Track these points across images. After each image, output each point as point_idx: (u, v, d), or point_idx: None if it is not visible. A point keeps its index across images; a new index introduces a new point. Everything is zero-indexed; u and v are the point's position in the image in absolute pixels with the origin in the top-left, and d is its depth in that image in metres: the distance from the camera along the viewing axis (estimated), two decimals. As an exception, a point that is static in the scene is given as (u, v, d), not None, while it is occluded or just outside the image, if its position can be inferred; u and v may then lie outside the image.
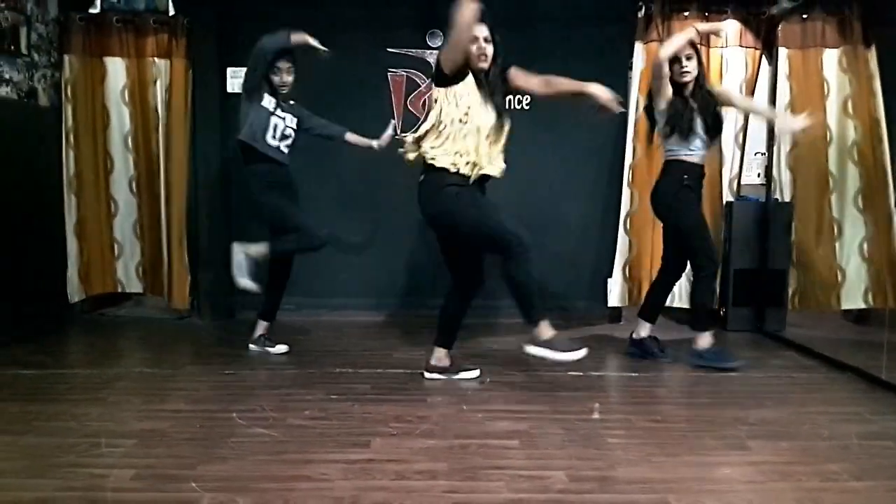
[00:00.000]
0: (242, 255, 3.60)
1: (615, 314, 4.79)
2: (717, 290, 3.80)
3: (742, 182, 4.69)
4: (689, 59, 3.51)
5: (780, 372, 3.59)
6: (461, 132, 2.99)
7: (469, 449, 2.50)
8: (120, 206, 4.79)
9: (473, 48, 3.00)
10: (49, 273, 4.60)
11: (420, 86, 4.77)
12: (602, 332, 4.44)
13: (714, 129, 3.57)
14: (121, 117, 4.72)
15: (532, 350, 3.01)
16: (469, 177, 3.03)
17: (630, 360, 3.80)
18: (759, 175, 4.70)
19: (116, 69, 4.68)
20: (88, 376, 3.40)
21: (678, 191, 3.57)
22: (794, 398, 3.18)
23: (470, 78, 3.02)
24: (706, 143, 3.58)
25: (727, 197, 4.63)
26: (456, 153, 3.00)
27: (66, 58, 4.62)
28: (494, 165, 3.11)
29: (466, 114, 2.98)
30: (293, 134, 3.78)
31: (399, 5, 4.70)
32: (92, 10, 4.76)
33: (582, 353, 2.98)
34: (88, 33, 4.63)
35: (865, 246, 4.48)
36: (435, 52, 4.75)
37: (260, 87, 3.62)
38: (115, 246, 4.83)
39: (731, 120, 4.59)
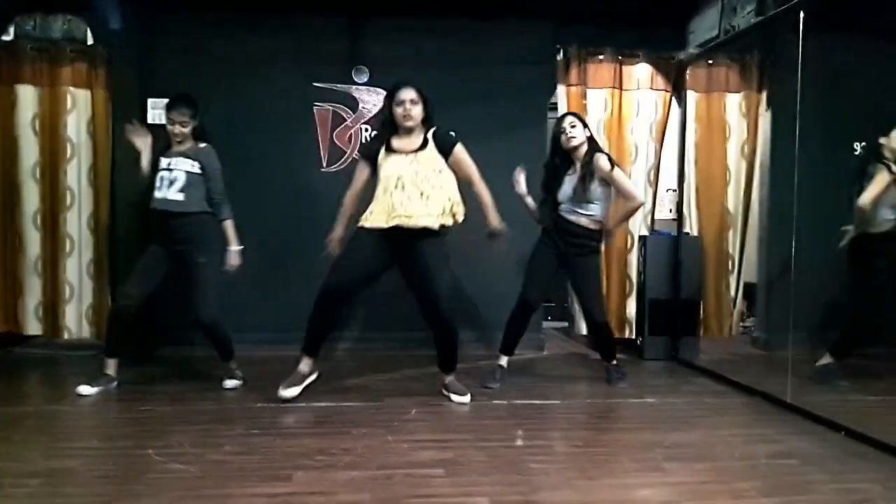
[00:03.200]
0: None
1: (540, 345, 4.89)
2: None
3: (655, 217, 4.90)
4: (572, 126, 3.76)
5: (694, 398, 3.74)
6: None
7: (394, 479, 2.49)
8: (24, 242, 4.59)
9: (399, 110, 3.36)
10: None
11: (346, 120, 4.80)
12: (526, 361, 4.51)
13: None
14: (29, 147, 4.55)
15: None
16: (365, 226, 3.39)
17: (553, 388, 3.87)
18: (671, 210, 4.94)
19: (27, 98, 4.53)
20: (-8, 415, 3.22)
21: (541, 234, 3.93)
22: (707, 422, 3.31)
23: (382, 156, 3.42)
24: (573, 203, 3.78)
25: (641, 231, 4.83)
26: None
27: (-26, 85, 4.46)
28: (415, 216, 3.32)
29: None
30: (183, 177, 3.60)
31: (325, 40, 4.74)
32: (4, 38, 4.62)
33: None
34: (0, 60, 4.48)
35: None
36: (361, 87, 4.81)
37: None
38: (17, 284, 4.61)
39: (643, 157, 4.83)
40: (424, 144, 3.42)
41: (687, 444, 2.94)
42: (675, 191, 4.87)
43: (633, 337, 4.84)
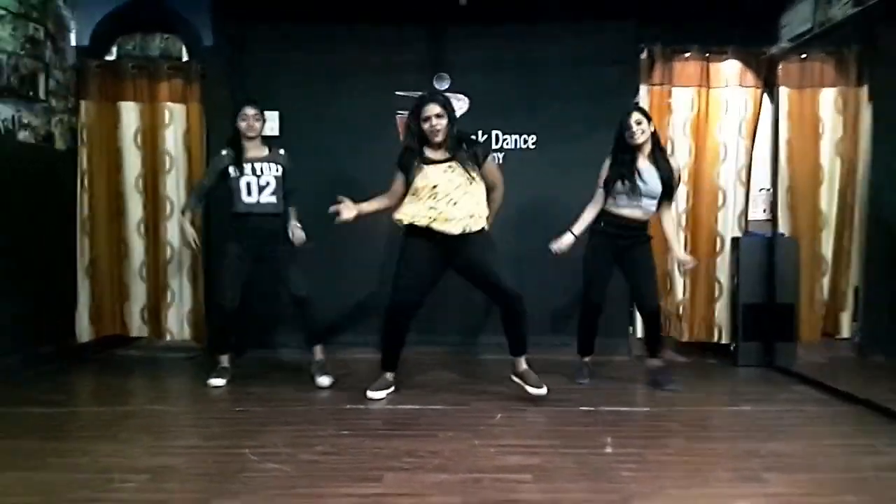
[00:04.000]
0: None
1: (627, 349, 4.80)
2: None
3: (749, 218, 4.73)
4: (638, 123, 3.76)
5: (792, 406, 3.58)
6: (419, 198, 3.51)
7: (482, 483, 2.49)
8: (129, 249, 4.85)
9: (426, 126, 3.46)
10: (62, 313, 4.65)
11: (427, 127, 4.85)
12: (613, 366, 4.43)
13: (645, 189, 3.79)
14: (132, 160, 4.80)
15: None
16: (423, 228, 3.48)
17: (641, 394, 3.80)
18: (764, 211, 4.75)
19: (130, 114, 4.79)
20: (100, 414, 3.41)
21: (591, 233, 3.93)
22: (807, 431, 3.16)
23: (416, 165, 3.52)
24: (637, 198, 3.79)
25: (734, 233, 4.67)
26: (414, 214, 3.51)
27: (82, 103, 4.75)
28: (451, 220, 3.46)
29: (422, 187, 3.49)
30: (273, 181, 3.91)
31: (406, 49, 4.82)
32: (108, 58, 4.90)
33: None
34: (104, 79, 4.77)
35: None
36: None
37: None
38: (124, 289, 4.88)
39: (732, 156, 4.67)
40: (456, 153, 3.52)
41: (786, 453, 2.81)
42: (768, 190, 4.69)
43: (725, 342, 4.67)
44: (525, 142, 4.87)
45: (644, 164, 3.79)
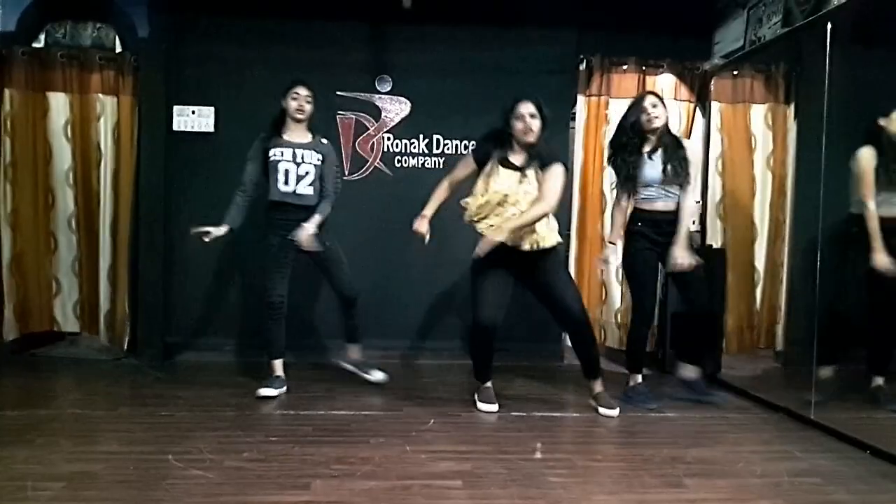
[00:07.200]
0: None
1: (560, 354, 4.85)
2: (645, 336, 3.96)
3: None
4: (654, 106, 3.65)
5: (716, 413, 3.68)
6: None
7: (411, 490, 2.49)
8: (60, 243, 4.68)
9: (519, 125, 3.33)
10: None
11: (368, 129, 4.82)
12: (545, 372, 4.48)
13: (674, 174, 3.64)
14: (62, 153, 4.62)
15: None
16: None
17: (573, 400, 3.85)
18: (694, 222, 4.88)
19: (59, 104, 4.61)
20: (16, 418, 3.26)
21: (629, 237, 3.75)
22: (728, 438, 3.27)
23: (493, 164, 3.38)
24: (663, 187, 3.67)
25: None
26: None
27: (6, 92, 4.54)
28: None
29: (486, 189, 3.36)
30: (312, 170, 3.76)
31: (348, 49, 4.77)
32: (35, 45, 4.70)
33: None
34: (31, 68, 4.57)
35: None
36: (384, 96, 4.83)
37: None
38: (54, 283, 4.69)
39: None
40: (531, 161, 3.38)
41: (708, 459, 2.90)
42: (699, 202, 4.82)
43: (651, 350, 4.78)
44: (465, 147, 4.88)
45: (660, 152, 3.66)
